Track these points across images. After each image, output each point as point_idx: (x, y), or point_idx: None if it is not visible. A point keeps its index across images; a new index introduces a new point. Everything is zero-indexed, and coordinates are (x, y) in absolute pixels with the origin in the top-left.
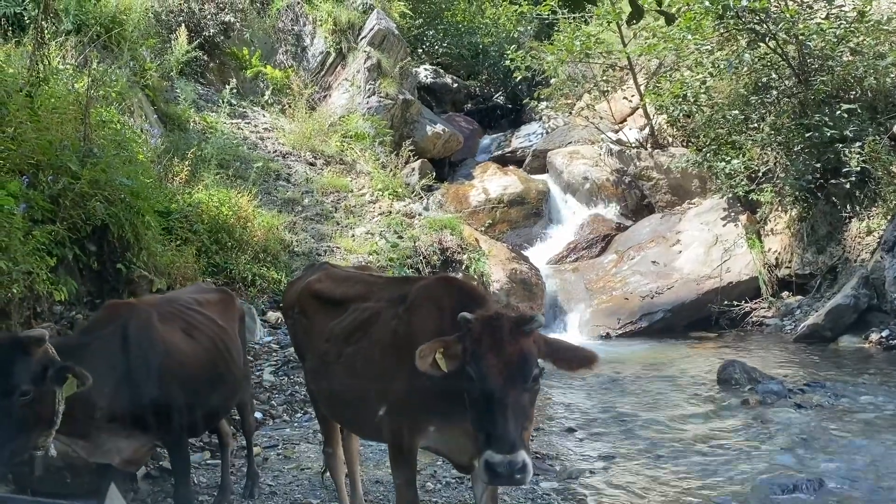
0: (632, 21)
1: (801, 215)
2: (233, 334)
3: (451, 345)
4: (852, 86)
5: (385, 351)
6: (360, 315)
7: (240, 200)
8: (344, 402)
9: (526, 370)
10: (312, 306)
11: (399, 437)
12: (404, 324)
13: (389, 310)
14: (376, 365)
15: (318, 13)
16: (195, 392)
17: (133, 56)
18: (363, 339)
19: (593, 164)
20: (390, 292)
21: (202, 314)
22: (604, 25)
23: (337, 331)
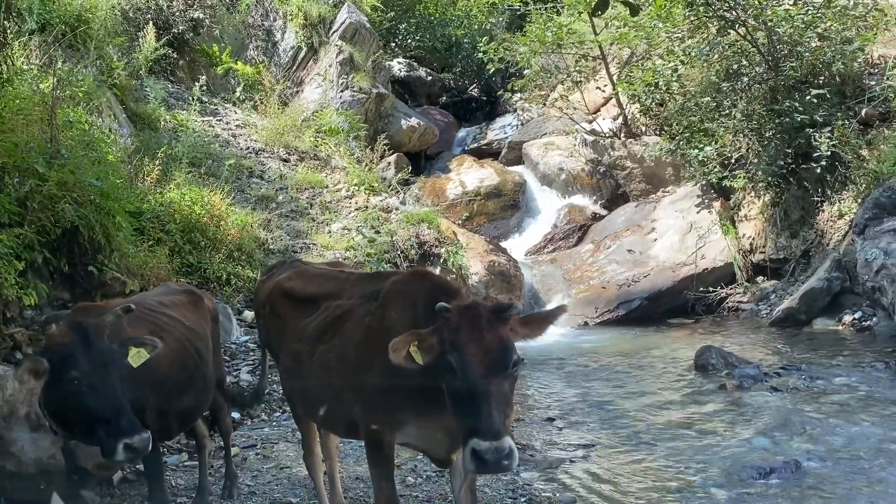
0: (597, 11)
1: (774, 200)
2: (203, 335)
3: (426, 337)
4: (821, 71)
5: (359, 347)
6: (332, 313)
7: (212, 199)
8: (319, 401)
9: (506, 357)
10: (283, 305)
11: (375, 433)
12: (377, 319)
13: (362, 306)
14: (350, 362)
15: (289, 8)
16: (165, 395)
17: (100, 55)
18: (336, 336)
19: (568, 155)
20: (363, 288)
21: (169, 316)
22: (575, 16)
23: (310, 329)
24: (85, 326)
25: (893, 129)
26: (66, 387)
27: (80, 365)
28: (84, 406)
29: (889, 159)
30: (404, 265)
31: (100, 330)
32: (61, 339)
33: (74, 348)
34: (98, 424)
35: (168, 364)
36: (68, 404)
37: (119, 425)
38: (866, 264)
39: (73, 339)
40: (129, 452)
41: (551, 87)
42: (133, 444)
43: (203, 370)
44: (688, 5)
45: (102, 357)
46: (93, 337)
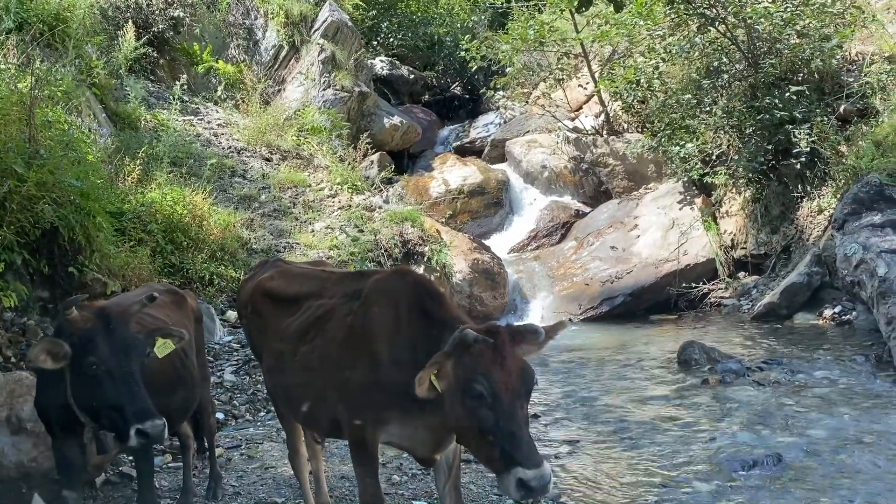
0: (581, 8)
1: (755, 196)
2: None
3: (444, 365)
4: (800, 68)
5: (341, 346)
6: (314, 312)
7: (194, 199)
8: (303, 400)
9: (531, 381)
10: (266, 305)
11: (359, 432)
12: (360, 319)
13: (344, 305)
14: (333, 361)
15: (270, 6)
16: (154, 395)
17: (79, 54)
18: (319, 336)
19: (551, 153)
20: (345, 287)
21: (153, 316)
22: (557, 13)
23: (292, 329)
24: (108, 313)
25: (871, 126)
26: (86, 372)
27: (100, 350)
28: (102, 392)
29: (867, 155)
30: (388, 264)
31: (124, 317)
32: (83, 324)
33: (96, 334)
34: (115, 411)
35: (156, 364)
36: (91, 391)
37: (133, 411)
38: (845, 259)
39: (96, 324)
40: (142, 438)
41: (534, 84)
42: (145, 429)
43: (190, 370)
44: (668, 3)
45: (125, 344)
46: (116, 323)
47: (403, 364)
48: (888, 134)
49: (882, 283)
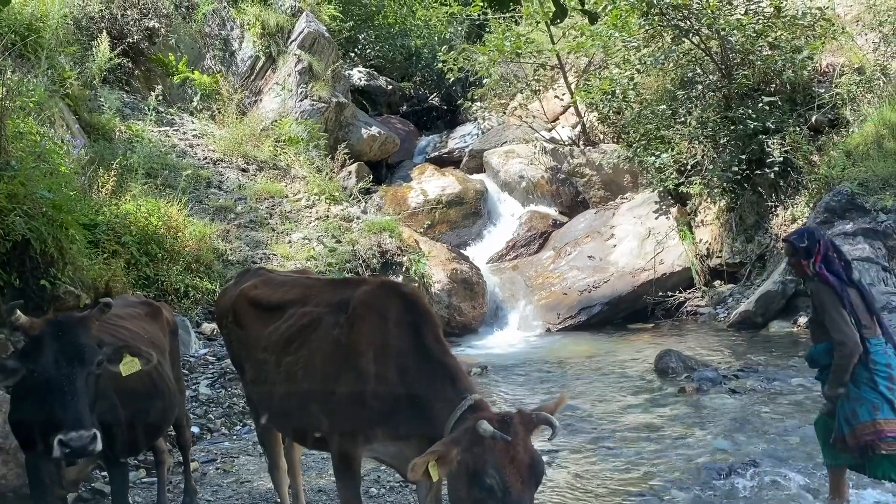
0: (556, 20)
1: (730, 206)
2: (162, 347)
3: (448, 453)
4: (772, 79)
5: (327, 361)
6: (298, 321)
7: (169, 210)
8: (286, 413)
9: (541, 473)
10: (249, 314)
11: (343, 447)
12: (346, 333)
13: (329, 316)
14: (319, 375)
15: (246, 17)
16: (131, 409)
17: (51, 64)
18: (303, 347)
19: (528, 163)
20: (330, 296)
21: (128, 328)
22: (533, 25)
23: (275, 338)
24: (59, 320)
25: (842, 136)
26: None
27: (41, 358)
28: (35, 400)
29: (838, 165)
30: (366, 274)
31: (77, 325)
32: (32, 331)
33: (42, 341)
34: (44, 420)
35: (133, 377)
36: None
37: (60, 420)
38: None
39: (44, 331)
40: (64, 449)
41: (511, 95)
42: (68, 440)
43: (166, 382)
44: (643, 15)
45: (70, 352)
46: (66, 331)
47: (390, 382)
48: (858, 144)
49: None
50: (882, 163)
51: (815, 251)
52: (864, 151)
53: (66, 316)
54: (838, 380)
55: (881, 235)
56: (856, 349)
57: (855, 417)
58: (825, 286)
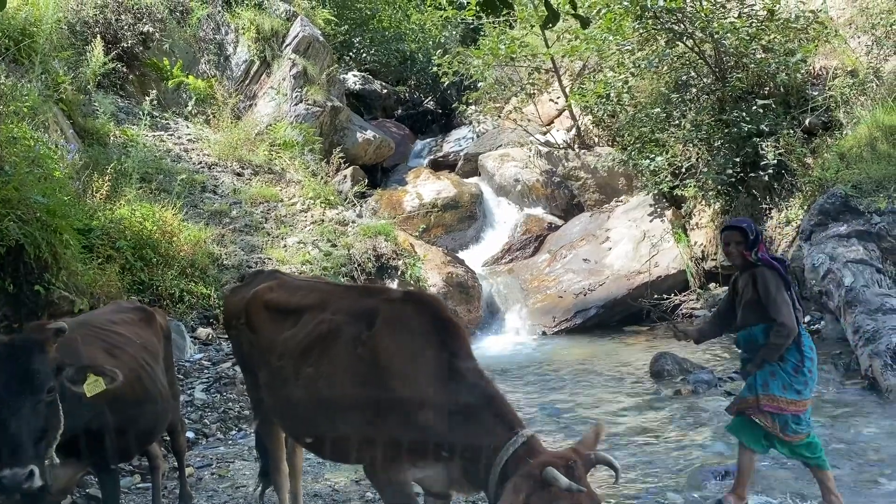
0: (548, 24)
1: (724, 208)
2: (155, 352)
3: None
4: (766, 82)
5: (353, 381)
6: (316, 328)
7: (164, 215)
8: (303, 423)
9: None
10: (263, 317)
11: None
12: (371, 351)
13: (350, 327)
14: (343, 392)
15: (241, 21)
16: (122, 414)
17: (45, 69)
18: (323, 358)
19: (524, 166)
20: (350, 303)
21: (120, 334)
22: (527, 29)
23: (291, 345)
24: (11, 342)
25: (836, 138)
26: None
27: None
28: None
29: (832, 167)
30: (362, 278)
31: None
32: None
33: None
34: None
35: (124, 382)
36: None
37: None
38: (813, 269)
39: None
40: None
41: (506, 99)
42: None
43: (158, 387)
44: (637, 18)
45: (19, 379)
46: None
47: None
48: (852, 146)
49: (848, 292)
50: (875, 165)
51: (758, 242)
52: (858, 154)
53: (18, 338)
54: (769, 358)
55: (875, 237)
56: (793, 332)
57: (766, 388)
58: (771, 271)
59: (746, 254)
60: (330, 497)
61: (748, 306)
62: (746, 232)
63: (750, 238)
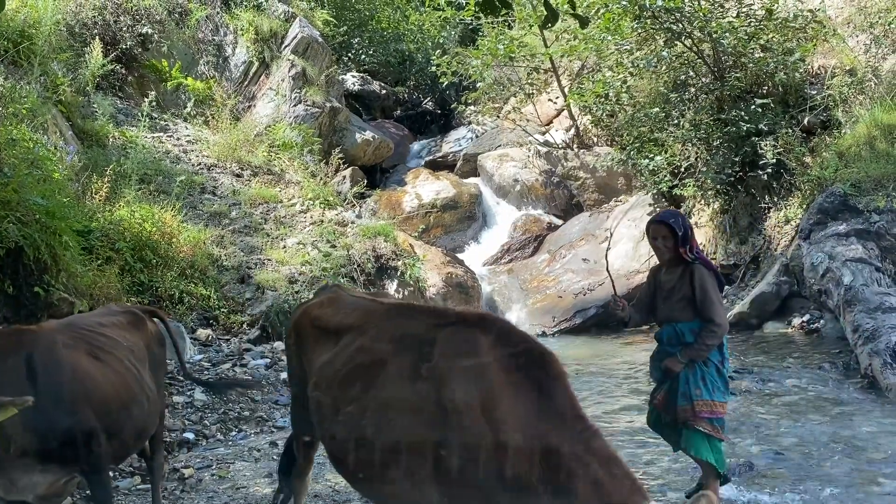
0: (547, 24)
1: (723, 208)
2: (142, 356)
3: None
4: (765, 81)
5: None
6: (356, 355)
7: (164, 216)
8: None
9: None
10: (309, 335)
11: None
12: (433, 390)
13: (403, 358)
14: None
15: (239, 22)
16: (109, 417)
17: (44, 71)
18: (371, 394)
19: (523, 167)
20: (396, 328)
21: (107, 336)
22: (526, 29)
23: (328, 373)
24: None
25: (834, 137)
26: None
27: None
28: None
29: (831, 166)
30: (361, 279)
31: None
32: None
33: None
34: None
35: (109, 385)
36: None
37: None
38: (812, 268)
39: None
40: None
41: (504, 99)
42: None
43: (146, 391)
44: (635, 18)
45: None
46: None
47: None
48: (851, 145)
49: (847, 291)
50: (874, 164)
51: (690, 237)
52: (857, 152)
53: None
54: (697, 357)
55: (874, 236)
56: (725, 333)
57: (700, 394)
58: (708, 270)
59: (682, 250)
60: (330, 497)
61: (679, 303)
62: (674, 228)
63: (679, 234)
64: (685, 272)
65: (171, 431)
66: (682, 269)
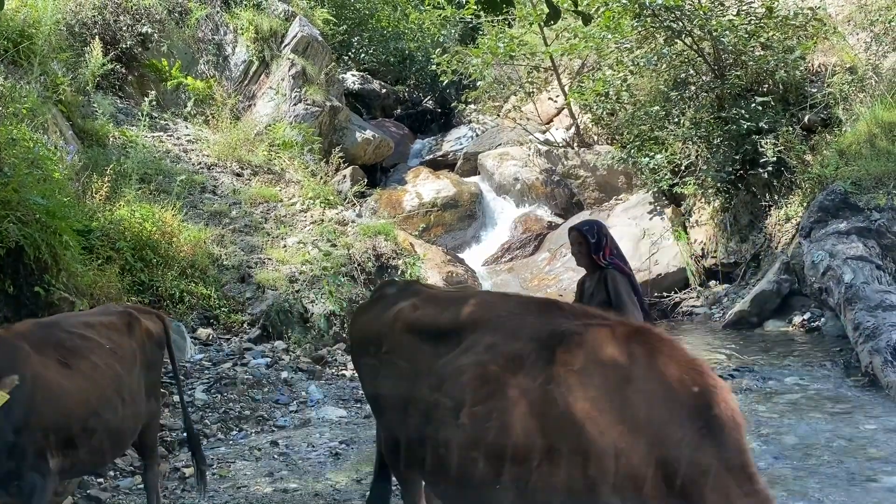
0: (549, 22)
1: (724, 206)
2: (129, 358)
3: None
4: (765, 79)
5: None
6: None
7: (164, 215)
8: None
9: None
10: (408, 343)
11: None
12: (578, 395)
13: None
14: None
15: (239, 22)
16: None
17: (44, 71)
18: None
19: (523, 165)
20: (535, 326)
21: (87, 338)
22: (526, 27)
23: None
24: None
25: (835, 135)
26: None
27: None
28: None
29: (831, 164)
30: (362, 278)
31: None
32: None
33: None
34: None
35: (75, 392)
36: None
37: None
38: (813, 266)
39: None
40: None
41: (505, 98)
42: None
43: (123, 395)
44: (635, 16)
45: None
46: None
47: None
48: (851, 143)
49: (848, 289)
50: (875, 161)
51: (603, 244)
52: (857, 150)
53: None
54: None
55: (875, 234)
56: None
57: None
58: (621, 274)
59: (595, 257)
60: (331, 496)
61: (598, 308)
62: (587, 235)
63: (591, 241)
64: (601, 278)
65: (171, 431)
66: (598, 274)
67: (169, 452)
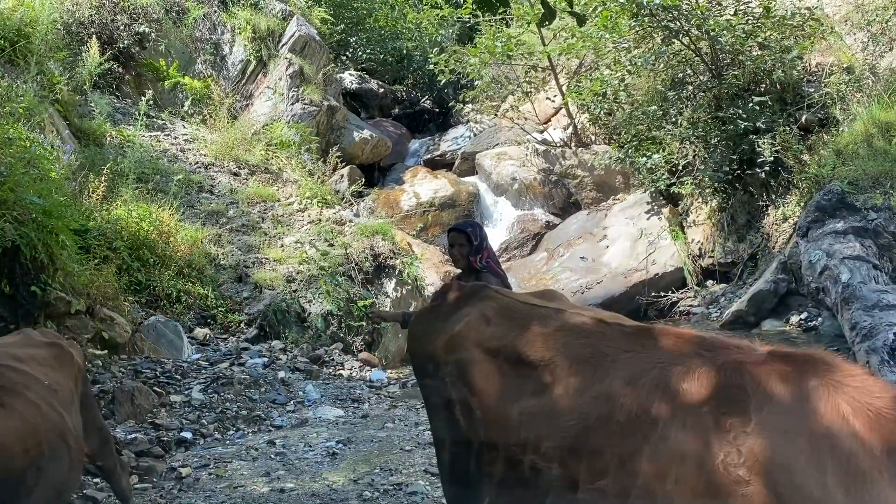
0: (544, 22)
1: (721, 206)
2: (68, 396)
3: None
4: (762, 79)
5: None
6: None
7: (161, 215)
8: None
9: None
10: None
11: None
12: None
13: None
14: None
15: (237, 21)
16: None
17: (41, 70)
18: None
19: (521, 165)
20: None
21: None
22: (524, 27)
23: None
24: None
25: (832, 135)
26: None
27: None
28: None
29: (828, 164)
30: (359, 278)
31: None
32: None
33: None
34: None
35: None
36: None
37: None
38: (810, 266)
39: None
40: None
41: (502, 97)
42: None
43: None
44: (633, 16)
45: None
46: None
47: None
48: (848, 143)
49: (845, 289)
50: (872, 161)
51: (483, 248)
52: (854, 150)
53: None
54: None
55: (872, 234)
56: None
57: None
58: (496, 277)
59: (473, 259)
60: (328, 496)
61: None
62: (470, 237)
63: (474, 243)
64: (476, 280)
65: (168, 430)
66: (473, 277)
67: (165, 452)
